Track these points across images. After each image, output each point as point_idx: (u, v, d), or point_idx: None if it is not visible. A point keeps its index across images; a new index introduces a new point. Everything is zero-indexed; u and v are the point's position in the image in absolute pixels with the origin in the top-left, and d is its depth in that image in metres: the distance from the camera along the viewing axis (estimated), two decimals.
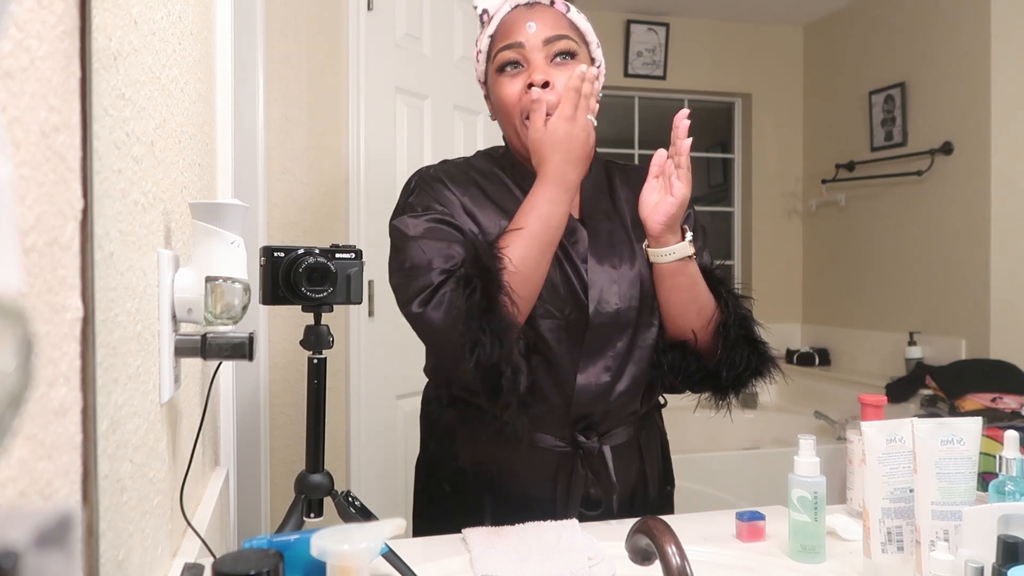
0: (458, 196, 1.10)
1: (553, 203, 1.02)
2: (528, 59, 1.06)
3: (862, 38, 3.47)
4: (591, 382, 1.08)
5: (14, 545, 0.24)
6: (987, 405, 2.44)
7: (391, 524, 0.64)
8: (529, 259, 1.00)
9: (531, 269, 1.01)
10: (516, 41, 1.07)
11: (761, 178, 3.88)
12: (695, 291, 1.09)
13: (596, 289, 1.08)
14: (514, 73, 1.07)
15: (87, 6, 0.48)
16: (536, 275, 1.02)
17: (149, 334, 0.71)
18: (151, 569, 0.72)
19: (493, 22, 1.11)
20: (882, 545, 0.89)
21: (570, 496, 1.10)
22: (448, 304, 0.97)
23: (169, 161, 0.81)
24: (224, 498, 1.18)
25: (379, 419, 2.07)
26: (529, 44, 1.06)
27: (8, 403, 0.25)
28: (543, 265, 1.03)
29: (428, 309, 0.98)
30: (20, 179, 0.39)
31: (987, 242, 2.80)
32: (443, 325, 0.97)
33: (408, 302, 1.01)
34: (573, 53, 1.08)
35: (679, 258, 1.06)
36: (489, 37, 1.11)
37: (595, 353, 1.09)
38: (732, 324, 1.09)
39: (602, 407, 1.10)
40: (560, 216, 1.02)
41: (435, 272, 0.99)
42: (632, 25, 3.64)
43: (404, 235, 1.04)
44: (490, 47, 1.11)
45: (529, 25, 1.07)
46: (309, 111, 1.95)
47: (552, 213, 1.01)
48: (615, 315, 1.08)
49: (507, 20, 1.10)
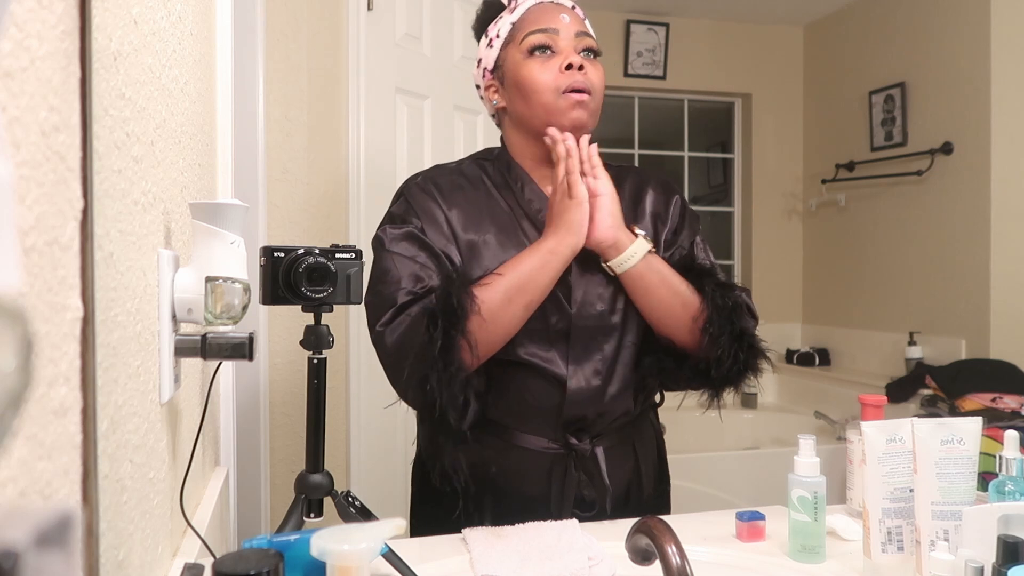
0: (442, 206, 1.10)
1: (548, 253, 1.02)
2: (560, 46, 1.09)
3: (862, 38, 3.46)
4: (581, 386, 1.08)
5: (14, 545, 0.24)
6: (987, 405, 2.44)
7: (391, 524, 0.64)
8: (502, 311, 1.01)
9: (500, 320, 1.01)
10: (551, 27, 1.10)
11: (761, 178, 3.88)
12: (670, 284, 1.08)
13: (579, 292, 1.08)
14: (545, 57, 1.09)
15: (87, 6, 0.48)
16: (504, 326, 1.02)
17: (149, 334, 0.71)
18: (151, 569, 0.72)
19: (518, 10, 1.13)
20: (882, 545, 0.89)
21: (563, 498, 1.10)
22: (405, 330, 0.98)
23: (169, 161, 0.81)
24: (224, 498, 1.18)
25: (379, 419, 2.07)
26: (563, 32, 1.10)
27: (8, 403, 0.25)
28: (516, 318, 1.03)
29: (387, 331, 1.00)
30: (20, 179, 0.39)
31: (987, 242, 2.80)
32: (394, 350, 0.99)
33: (373, 323, 1.02)
34: (598, 52, 1.13)
35: (641, 257, 1.06)
36: (511, 24, 1.12)
37: (583, 357, 1.09)
38: (715, 319, 1.06)
39: (594, 410, 1.10)
40: (551, 272, 1.02)
41: (402, 292, 1.01)
42: (632, 25, 3.63)
43: (380, 247, 1.07)
44: (511, 33, 1.12)
45: (563, 16, 1.11)
46: (309, 111, 1.95)
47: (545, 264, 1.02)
48: (599, 318, 1.08)
49: (535, 9, 1.13)
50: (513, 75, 1.11)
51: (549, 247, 1.03)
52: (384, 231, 1.08)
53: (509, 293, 1.01)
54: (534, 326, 1.07)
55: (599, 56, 1.13)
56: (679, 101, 3.92)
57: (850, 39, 3.55)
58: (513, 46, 1.11)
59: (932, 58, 3.07)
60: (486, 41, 1.16)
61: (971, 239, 2.87)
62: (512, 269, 1.02)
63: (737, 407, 3.69)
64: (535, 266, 1.02)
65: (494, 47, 1.14)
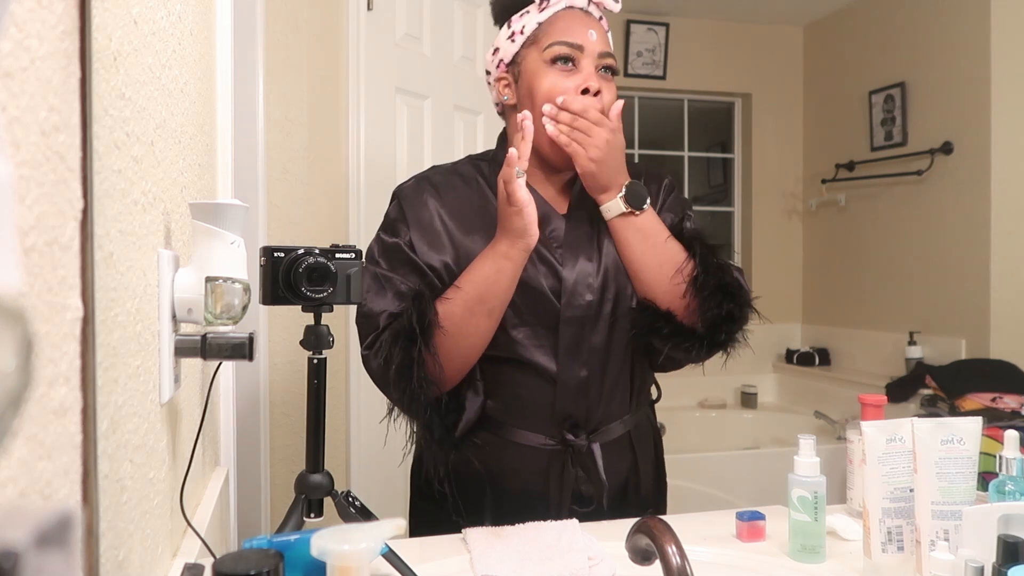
0: (436, 208, 1.11)
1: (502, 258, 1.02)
2: (581, 64, 1.09)
3: (862, 38, 3.47)
4: (571, 379, 1.09)
5: (14, 545, 0.24)
6: (987, 405, 2.44)
7: (391, 524, 0.64)
8: (465, 323, 1.03)
9: (466, 332, 1.03)
10: (577, 43, 1.09)
11: (761, 178, 3.88)
12: (647, 245, 1.10)
13: (569, 282, 1.08)
14: (566, 70, 1.09)
15: (87, 6, 0.48)
16: (471, 336, 1.04)
17: (149, 334, 0.71)
18: (151, 569, 0.72)
19: (548, 11, 1.11)
20: (882, 545, 0.89)
21: (561, 494, 1.10)
22: (385, 355, 1.02)
23: (169, 161, 0.81)
24: (224, 498, 1.18)
25: (379, 419, 2.07)
26: (588, 50, 1.10)
27: (8, 403, 0.25)
28: (482, 327, 1.04)
29: (371, 355, 1.04)
30: (20, 179, 0.39)
31: (987, 242, 2.80)
32: (378, 375, 1.04)
33: (361, 345, 1.07)
34: (615, 71, 1.14)
35: (616, 215, 1.10)
36: (538, 23, 1.11)
37: (572, 350, 1.09)
38: (702, 274, 1.08)
39: (585, 404, 1.10)
40: (508, 276, 1.03)
41: (383, 316, 1.04)
42: (632, 25, 3.64)
43: (370, 259, 1.10)
44: (535, 33, 1.11)
45: (591, 32, 1.10)
46: (309, 111, 1.95)
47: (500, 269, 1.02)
48: (587, 307, 1.09)
49: (565, 16, 1.11)
50: (530, 80, 1.10)
51: (502, 251, 1.03)
52: (377, 241, 1.12)
53: (469, 304, 1.03)
54: (524, 321, 1.08)
55: (615, 75, 1.14)
56: (679, 101, 3.92)
57: (850, 39, 3.55)
58: (535, 48, 1.10)
59: (932, 58, 3.07)
60: (508, 32, 1.14)
61: (971, 239, 2.87)
62: (469, 280, 1.04)
63: (737, 407, 3.69)
64: (490, 273, 1.03)
65: (515, 42, 1.12)
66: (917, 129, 3.14)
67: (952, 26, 2.97)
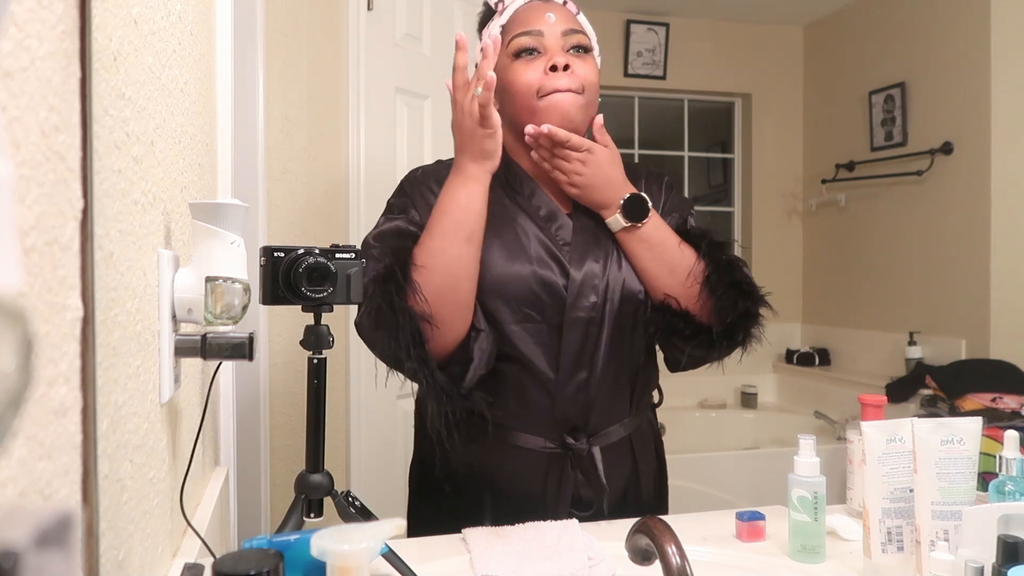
0: None
1: (471, 181, 1.03)
2: (546, 47, 1.09)
3: (862, 38, 3.47)
4: (572, 382, 1.08)
5: (14, 545, 0.24)
6: (987, 405, 2.44)
7: (391, 524, 0.64)
8: (443, 250, 1.01)
9: (446, 258, 1.01)
10: (536, 29, 1.09)
11: (761, 178, 3.88)
12: (654, 254, 1.10)
13: (576, 283, 1.08)
14: (531, 59, 1.09)
15: (87, 6, 0.48)
16: (451, 262, 1.02)
17: (149, 334, 0.71)
18: (151, 569, 0.72)
19: (506, 13, 1.12)
20: (882, 545, 0.89)
21: (560, 497, 1.10)
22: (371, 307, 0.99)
23: (169, 161, 0.81)
24: (224, 498, 1.18)
25: (379, 419, 2.07)
26: (548, 32, 1.09)
27: (8, 403, 0.25)
28: (464, 253, 1.02)
29: (360, 319, 1.02)
30: (20, 179, 0.39)
31: (987, 242, 2.80)
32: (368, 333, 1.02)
33: None
34: (588, 48, 1.12)
35: (618, 229, 1.10)
36: (500, 27, 1.12)
37: (575, 352, 1.08)
38: (713, 273, 1.09)
39: (586, 407, 1.10)
40: (479, 198, 1.03)
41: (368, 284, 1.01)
42: (632, 25, 3.64)
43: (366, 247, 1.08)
44: (501, 36, 1.11)
45: (548, 15, 1.10)
46: (309, 111, 1.95)
47: (471, 192, 1.02)
48: (591, 309, 1.08)
49: (523, 10, 1.12)
50: (501, 79, 1.10)
51: (471, 174, 1.03)
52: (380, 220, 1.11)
53: (447, 232, 1.02)
54: (527, 316, 1.07)
55: (590, 52, 1.12)
56: (679, 101, 3.92)
57: (850, 39, 3.55)
58: (503, 49, 1.10)
59: (932, 58, 3.07)
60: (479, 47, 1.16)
61: (971, 239, 2.87)
62: (441, 211, 1.03)
63: (737, 407, 3.69)
64: (461, 198, 1.03)
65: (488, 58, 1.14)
66: (917, 129, 3.14)
67: (952, 26, 2.97)
